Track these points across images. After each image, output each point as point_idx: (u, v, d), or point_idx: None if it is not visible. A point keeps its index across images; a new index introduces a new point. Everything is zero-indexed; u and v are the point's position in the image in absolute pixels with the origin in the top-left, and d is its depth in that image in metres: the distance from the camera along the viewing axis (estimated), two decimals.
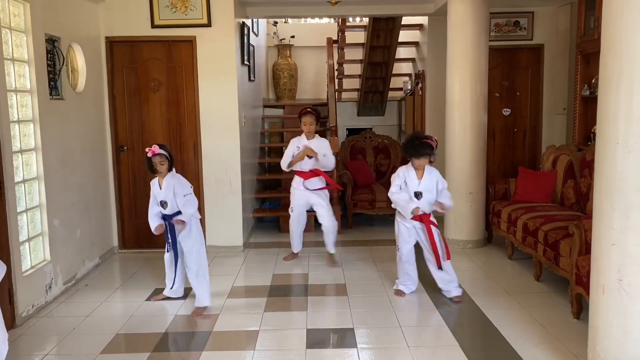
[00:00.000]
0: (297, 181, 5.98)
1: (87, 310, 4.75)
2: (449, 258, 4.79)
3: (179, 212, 4.60)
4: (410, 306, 4.72)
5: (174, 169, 4.69)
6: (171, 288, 4.92)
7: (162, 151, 4.57)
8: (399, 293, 4.96)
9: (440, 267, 4.80)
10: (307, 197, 5.94)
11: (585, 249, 4.15)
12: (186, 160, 6.50)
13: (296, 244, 6.16)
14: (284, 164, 5.94)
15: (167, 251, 4.83)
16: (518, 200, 6.10)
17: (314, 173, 5.90)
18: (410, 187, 4.74)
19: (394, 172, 8.07)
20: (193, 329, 4.34)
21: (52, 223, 4.96)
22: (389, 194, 4.88)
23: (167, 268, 4.90)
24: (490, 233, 6.56)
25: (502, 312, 4.49)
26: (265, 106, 9.38)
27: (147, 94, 6.41)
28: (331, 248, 6.01)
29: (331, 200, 7.49)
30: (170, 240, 4.72)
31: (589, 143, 6.07)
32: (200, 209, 6.49)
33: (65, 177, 5.28)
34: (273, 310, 4.68)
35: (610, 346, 3.09)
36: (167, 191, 4.60)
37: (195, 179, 6.47)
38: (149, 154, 4.58)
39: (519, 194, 6.19)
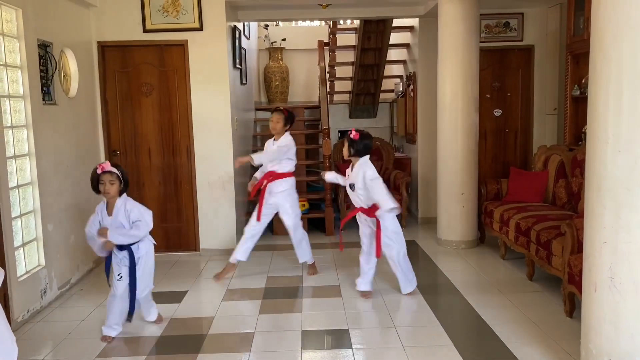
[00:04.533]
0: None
1: (82, 314, 4.75)
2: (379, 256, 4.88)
3: (127, 246, 4.10)
4: (404, 306, 4.75)
5: (125, 194, 4.16)
6: (128, 320, 4.34)
7: (113, 169, 4.03)
8: (368, 295, 4.98)
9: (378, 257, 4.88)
10: (273, 202, 5.59)
11: (577, 248, 4.19)
12: (179, 164, 6.51)
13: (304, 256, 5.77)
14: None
15: (120, 279, 4.19)
16: (510, 200, 6.15)
17: (269, 175, 5.53)
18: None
19: (387, 173, 8.18)
20: (188, 332, 4.35)
21: (47, 228, 4.96)
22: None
23: (118, 304, 4.22)
24: (483, 233, 6.60)
25: (495, 311, 4.53)
26: (257, 109, 9.39)
27: (140, 98, 6.42)
28: (305, 257, 5.69)
29: (324, 201, 7.56)
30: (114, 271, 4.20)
31: (580, 143, 6.12)
32: (194, 213, 6.53)
33: (59, 182, 5.28)
34: (268, 313, 4.70)
35: (603, 343, 3.13)
36: (116, 218, 4.08)
37: (188, 182, 6.50)
38: (98, 170, 4.01)
39: (511, 194, 6.24)
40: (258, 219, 5.58)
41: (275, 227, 7.60)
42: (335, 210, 7.60)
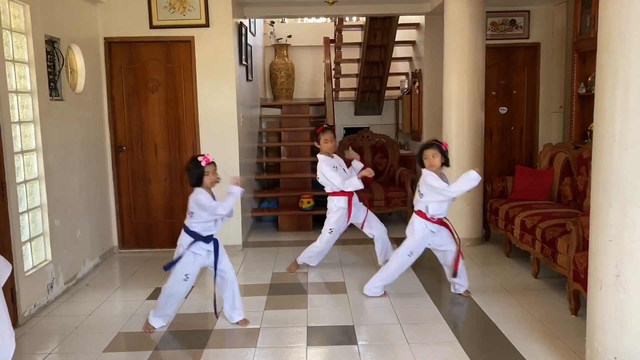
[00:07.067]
0: (341, 201, 5.52)
1: (88, 309, 4.78)
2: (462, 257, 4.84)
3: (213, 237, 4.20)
4: (409, 303, 4.75)
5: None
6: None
7: (214, 159, 4.11)
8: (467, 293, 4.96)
9: (455, 273, 4.81)
10: (352, 214, 5.57)
11: (583, 246, 4.19)
12: (185, 160, 6.50)
13: (316, 260, 5.79)
14: (346, 184, 5.40)
15: (186, 279, 4.16)
16: (515, 198, 6.15)
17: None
18: None
19: (392, 171, 8.18)
20: (194, 328, 4.37)
21: (53, 223, 4.99)
22: (447, 192, 4.49)
23: (176, 301, 4.28)
24: (488, 231, 6.60)
25: (500, 309, 4.54)
26: (262, 106, 9.41)
27: (146, 94, 6.44)
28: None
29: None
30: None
31: (586, 141, 6.12)
32: None
33: (66, 177, 5.30)
34: (273, 309, 4.71)
35: (608, 341, 3.13)
36: None
37: None
38: (203, 163, 4.01)
39: (516, 191, 6.23)
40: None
41: (280, 223, 7.63)
42: None
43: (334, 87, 9.60)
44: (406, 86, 9.52)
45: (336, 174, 5.43)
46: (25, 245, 4.59)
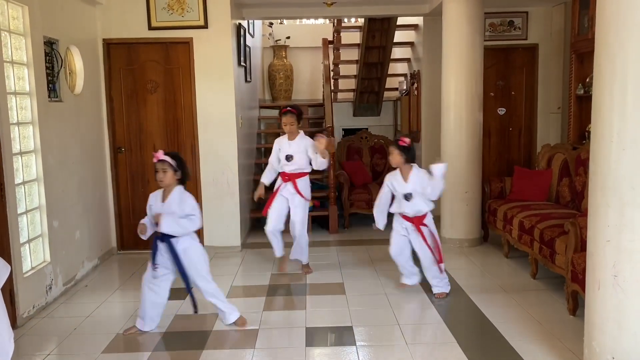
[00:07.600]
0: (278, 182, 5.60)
1: (87, 310, 4.78)
2: (440, 261, 4.85)
3: (167, 239, 4.07)
4: (408, 304, 4.76)
5: (182, 187, 4.10)
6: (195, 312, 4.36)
7: (165, 157, 4.00)
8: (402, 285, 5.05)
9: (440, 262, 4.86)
10: (286, 200, 5.55)
11: (581, 247, 4.19)
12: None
13: (277, 247, 5.70)
14: (267, 169, 5.61)
15: (154, 269, 4.18)
16: (514, 198, 6.15)
17: (289, 178, 5.48)
18: (399, 190, 4.77)
19: (390, 171, 8.18)
20: (193, 329, 4.37)
21: (52, 224, 4.98)
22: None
23: (147, 293, 4.23)
24: (487, 232, 6.61)
25: (499, 310, 4.54)
26: (261, 107, 9.41)
27: (145, 95, 6.44)
28: (301, 257, 5.69)
29: (328, 199, 7.58)
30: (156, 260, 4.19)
31: (584, 142, 6.13)
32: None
33: (64, 178, 5.30)
34: (272, 309, 4.72)
35: (606, 341, 3.14)
36: (169, 205, 4.05)
37: (193, 179, 6.49)
38: (154, 159, 4.04)
39: (515, 192, 6.24)
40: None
41: None
42: (338, 208, 7.61)
43: (332, 88, 9.60)
44: (405, 87, 9.52)
45: (271, 159, 5.60)
46: (24, 246, 4.58)
